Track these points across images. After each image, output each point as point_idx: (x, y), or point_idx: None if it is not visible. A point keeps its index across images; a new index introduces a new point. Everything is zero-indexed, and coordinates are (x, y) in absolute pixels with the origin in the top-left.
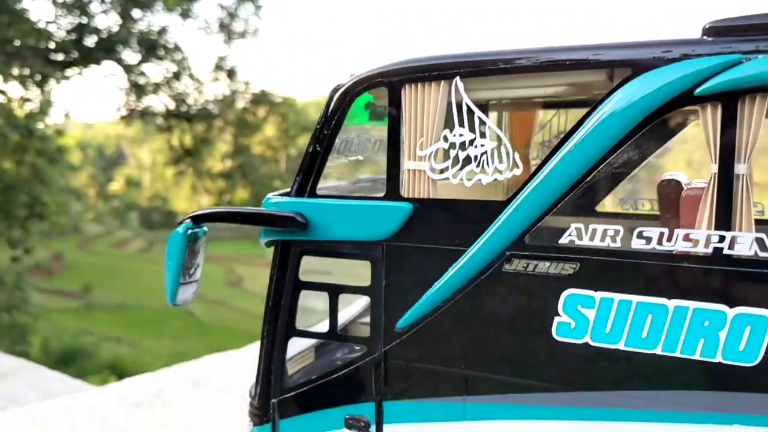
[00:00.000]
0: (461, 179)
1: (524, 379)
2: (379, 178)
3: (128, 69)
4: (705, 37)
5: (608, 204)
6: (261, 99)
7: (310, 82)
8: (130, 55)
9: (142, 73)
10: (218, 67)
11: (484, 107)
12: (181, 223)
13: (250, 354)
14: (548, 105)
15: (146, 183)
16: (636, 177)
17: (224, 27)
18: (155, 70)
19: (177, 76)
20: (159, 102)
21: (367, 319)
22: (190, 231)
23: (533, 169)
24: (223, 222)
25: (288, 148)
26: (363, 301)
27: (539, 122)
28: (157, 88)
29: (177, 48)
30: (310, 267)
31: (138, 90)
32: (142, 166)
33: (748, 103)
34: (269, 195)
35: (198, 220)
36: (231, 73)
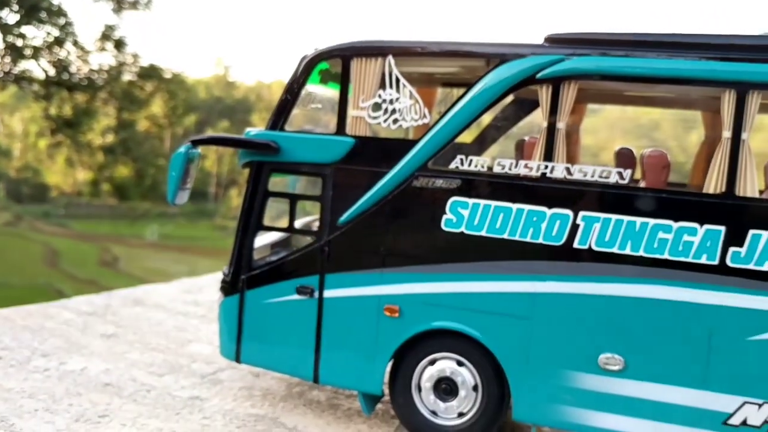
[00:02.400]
0: (389, 124)
1: (422, 256)
2: (316, 129)
3: (5, 29)
4: (545, 43)
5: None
6: (149, 73)
7: (201, 61)
8: (9, 15)
9: (21, 35)
10: (105, 37)
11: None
12: (182, 145)
13: (177, 287)
14: (447, 83)
15: (16, 153)
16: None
17: None
18: (36, 34)
19: (59, 41)
20: (38, 68)
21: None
22: (189, 151)
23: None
24: (216, 145)
25: (174, 126)
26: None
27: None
28: (36, 52)
29: (61, 12)
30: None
31: (15, 53)
32: (12, 134)
33: (565, 85)
34: (248, 129)
35: (196, 143)
36: (119, 44)
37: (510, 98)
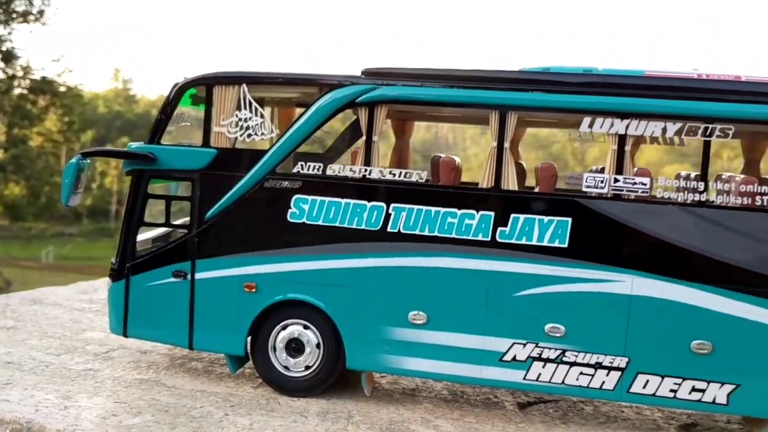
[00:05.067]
0: (244, 138)
1: (273, 242)
2: (191, 142)
3: None
4: (362, 76)
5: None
6: (42, 87)
7: (99, 74)
8: None
9: None
10: None
11: (262, 101)
12: (74, 156)
13: (74, 289)
14: (301, 104)
15: None
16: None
17: (1, 5)
18: None
19: None
20: None
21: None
22: (80, 161)
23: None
24: (103, 157)
25: (71, 142)
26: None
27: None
28: None
29: None
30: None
31: None
32: None
33: (377, 108)
34: (131, 143)
35: (85, 155)
36: (8, 57)
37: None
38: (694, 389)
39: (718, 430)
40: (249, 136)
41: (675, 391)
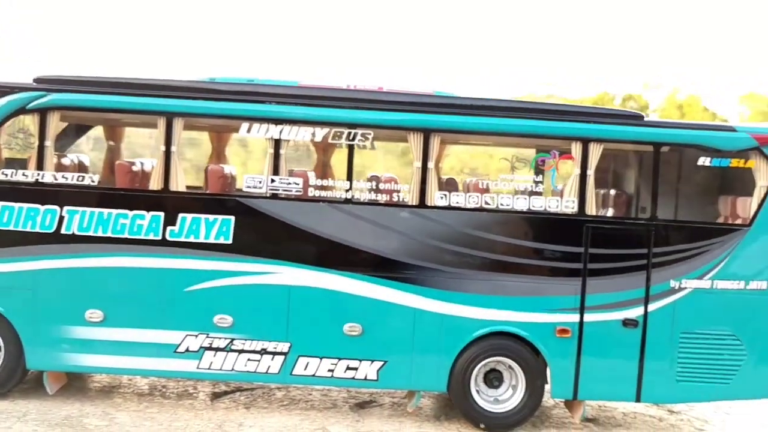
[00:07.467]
0: None
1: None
2: None
3: None
4: (33, 83)
5: None
6: None
7: None
8: None
9: None
10: None
11: None
12: None
13: None
14: None
15: None
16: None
17: None
18: None
19: None
20: None
21: None
22: None
23: None
24: None
25: None
26: None
27: None
28: None
29: None
30: None
31: None
32: None
33: (49, 114)
34: None
35: None
36: None
37: (64, 124)
38: (348, 368)
39: (388, 405)
40: None
41: (332, 371)
